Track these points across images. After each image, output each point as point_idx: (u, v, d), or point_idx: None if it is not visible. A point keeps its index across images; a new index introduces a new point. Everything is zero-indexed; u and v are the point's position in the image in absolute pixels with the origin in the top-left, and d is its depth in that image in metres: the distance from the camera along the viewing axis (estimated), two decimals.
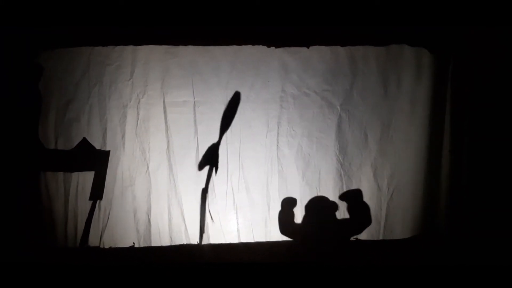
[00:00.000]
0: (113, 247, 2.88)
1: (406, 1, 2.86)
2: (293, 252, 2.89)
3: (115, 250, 2.87)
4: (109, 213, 2.89)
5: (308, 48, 2.96)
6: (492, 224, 2.82)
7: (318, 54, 2.96)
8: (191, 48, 2.92)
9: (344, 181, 2.98)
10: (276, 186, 2.98)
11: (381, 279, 2.69)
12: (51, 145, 2.88)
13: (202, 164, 2.94)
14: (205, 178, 2.93)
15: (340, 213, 2.97)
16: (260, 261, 2.79)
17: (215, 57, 2.94)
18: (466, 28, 2.91)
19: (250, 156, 2.98)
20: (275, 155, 2.98)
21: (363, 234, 2.99)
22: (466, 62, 2.94)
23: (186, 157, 2.94)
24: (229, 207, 2.96)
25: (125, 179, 2.91)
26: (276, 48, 2.94)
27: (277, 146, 2.98)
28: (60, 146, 2.88)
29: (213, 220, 2.92)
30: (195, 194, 2.93)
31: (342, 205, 2.97)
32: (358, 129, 2.99)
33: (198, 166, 2.94)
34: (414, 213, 3.00)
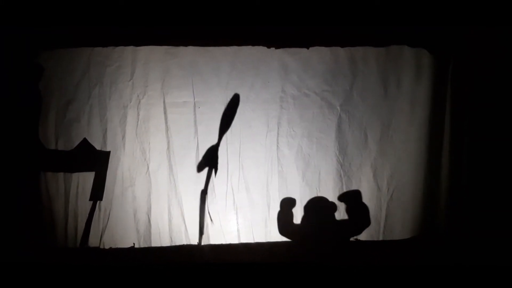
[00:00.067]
0: (113, 247, 2.88)
1: (406, 1, 2.85)
2: (293, 252, 2.89)
3: (115, 251, 2.87)
4: (109, 214, 2.89)
5: (308, 48, 2.96)
6: (492, 224, 2.82)
7: (318, 54, 2.96)
8: (191, 49, 2.92)
9: (344, 182, 2.98)
10: (276, 186, 2.98)
11: (381, 279, 2.69)
12: (51, 146, 2.88)
13: (202, 165, 2.94)
14: (205, 179, 2.93)
15: (339, 214, 2.97)
16: (260, 261, 2.79)
17: (215, 58, 2.94)
18: (466, 28, 2.91)
19: (250, 156, 2.98)
20: (275, 155, 2.99)
21: (363, 234, 2.99)
22: (466, 62, 2.94)
23: (186, 158, 2.94)
24: (229, 207, 2.96)
25: (125, 180, 2.91)
26: (276, 48, 2.94)
27: (277, 146, 2.98)
28: (60, 147, 2.88)
29: (212, 221, 2.92)
30: (195, 195, 2.94)
31: (341, 206, 2.98)
32: (358, 130, 2.99)
33: (198, 167, 2.94)
34: (414, 213, 3.00)
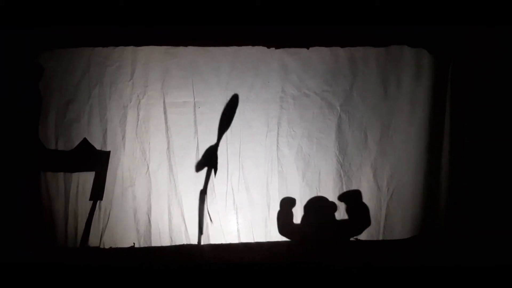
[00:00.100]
0: (113, 247, 2.88)
1: (406, 1, 2.85)
2: (292, 252, 2.89)
3: (115, 250, 2.87)
4: (109, 213, 2.89)
5: (308, 49, 2.96)
6: (492, 224, 2.82)
7: (318, 55, 2.96)
8: (191, 49, 2.92)
9: (344, 182, 2.98)
10: (276, 186, 2.99)
11: (381, 279, 2.69)
12: (51, 146, 2.88)
13: (201, 165, 2.94)
14: (204, 179, 2.94)
15: (339, 214, 2.97)
16: (260, 261, 2.79)
17: (215, 58, 2.94)
18: (466, 28, 2.91)
19: (250, 156, 2.98)
20: (275, 155, 2.99)
21: (363, 234, 2.99)
22: (466, 62, 2.94)
23: (186, 158, 2.94)
24: (229, 207, 2.96)
25: (126, 180, 2.91)
26: (276, 48, 2.94)
27: (277, 146, 2.98)
28: (60, 147, 2.88)
29: (212, 221, 2.92)
30: (195, 194, 2.93)
31: (341, 206, 2.98)
32: (358, 130, 2.99)
33: (196, 166, 2.94)
34: (414, 213, 3.00)
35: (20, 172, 2.80)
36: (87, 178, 2.89)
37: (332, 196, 2.98)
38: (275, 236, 2.96)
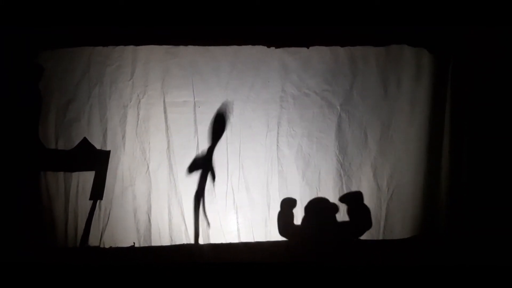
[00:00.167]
0: (113, 246, 2.89)
1: (406, 1, 2.86)
2: (293, 252, 2.89)
3: (115, 250, 2.87)
4: (109, 213, 2.89)
5: (308, 48, 2.96)
6: (492, 224, 2.82)
7: (318, 54, 2.97)
8: (191, 48, 2.93)
9: (344, 181, 2.98)
10: (276, 186, 2.99)
11: (381, 279, 2.69)
12: (51, 145, 2.88)
13: (198, 165, 2.94)
14: (204, 180, 2.94)
15: (340, 216, 2.97)
16: (260, 261, 2.79)
17: (215, 57, 2.95)
18: (466, 28, 2.91)
19: (250, 156, 2.98)
20: (275, 155, 2.99)
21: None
22: (466, 62, 2.94)
23: (186, 157, 2.94)
24: (229, 207, 2.96)
25: (126, 179, 2.91)
26: (276, 48, 2.95)
27: (277, 146, 2.98)
28: (60, 146, 2.88)
29: (209, 225, 2.92)
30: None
31: (342, 207, 2.97)
32: (358, 129, 2.99)
33: (191, 167, 2.94)
34: (414, 213, 3.00)
35: (20, 172, 2.80)
36: (87, 178, 2.89)
37: (332, 196, 2.98)
38: (275, 236, 2.96)
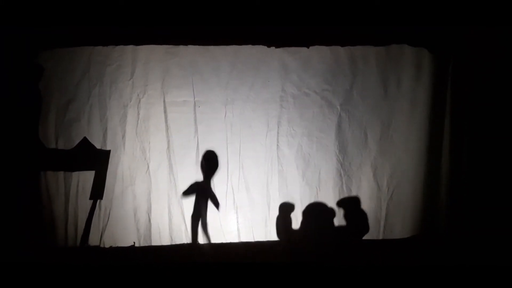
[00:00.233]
0: (114, 246, 2.89)
1: (406, 1, 2.86)
2: (293, 252, 2.89)
3: (115, 250, 2.88)
4: (109, 213, 2.89)
5: (308, 48, 2.96)
6: (492, 224, 2.82)
7: (318, 54, 2.97)
8: (191, 48, 2.93)
9: (344, 181, 2.98)
10: (276, 186, 2.99)
11: (381, 279, 2.69)
12: (51, 145, 2.88)
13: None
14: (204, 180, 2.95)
15: (338, 220, 2.97)
16: (260, 261, 2.79)
17: (215, 57, 2.95)
18: (466, 28, 2.91)
19: (250, 156, 2.98)
20: (275, 155, 2.99)
21: None
22: (466, 62, 2.95)
23: (186, 157, 2.94)
24: (229, 207, 2.96)
25: (126, 179, 2.91)
26: (276, 48, 2.95)
27: (277, 146, 2.99)
28: (60, 146, 2.88)
29: (206, 231, 2.93)
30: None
31: (340, 212, 2.97)
32: (358, 129, 2.99)
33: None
34: (414, 213, 3.00)
35: (20, 172, 2.80)
36: (87, 178, 2.89)
37: (332, 196, 2.98)
38: (275, 236, 2.97)
